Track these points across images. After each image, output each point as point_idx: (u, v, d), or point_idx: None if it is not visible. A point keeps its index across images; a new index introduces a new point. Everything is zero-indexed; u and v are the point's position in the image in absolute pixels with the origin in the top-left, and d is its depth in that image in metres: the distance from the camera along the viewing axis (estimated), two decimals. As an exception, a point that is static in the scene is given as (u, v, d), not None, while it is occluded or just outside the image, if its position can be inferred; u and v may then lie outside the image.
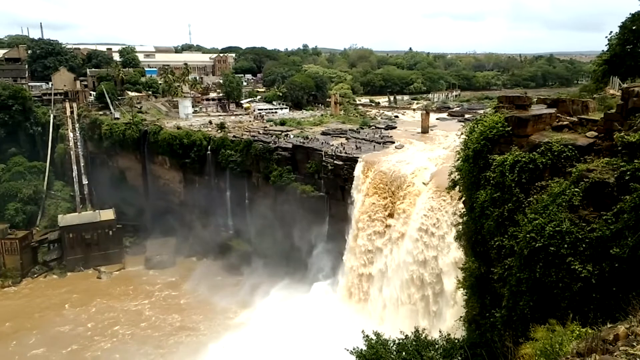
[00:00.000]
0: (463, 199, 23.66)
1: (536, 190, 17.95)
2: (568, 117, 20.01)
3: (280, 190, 78.17)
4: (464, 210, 23.30)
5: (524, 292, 16.90)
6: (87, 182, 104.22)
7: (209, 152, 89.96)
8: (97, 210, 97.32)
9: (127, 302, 79.41)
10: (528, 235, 16.63)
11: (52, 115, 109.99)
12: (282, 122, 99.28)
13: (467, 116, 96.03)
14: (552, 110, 20.45)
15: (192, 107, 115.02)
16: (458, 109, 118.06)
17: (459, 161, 22.79)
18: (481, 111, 63.36)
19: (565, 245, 15.61)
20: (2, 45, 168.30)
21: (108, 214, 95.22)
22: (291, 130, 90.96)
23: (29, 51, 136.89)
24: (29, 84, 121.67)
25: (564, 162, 17.61)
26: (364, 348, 20.20)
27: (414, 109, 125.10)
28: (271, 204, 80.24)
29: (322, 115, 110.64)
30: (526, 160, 18.31)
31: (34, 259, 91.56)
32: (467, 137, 22.18)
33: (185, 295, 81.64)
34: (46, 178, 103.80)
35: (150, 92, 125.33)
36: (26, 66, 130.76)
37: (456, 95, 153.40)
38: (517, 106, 20.93)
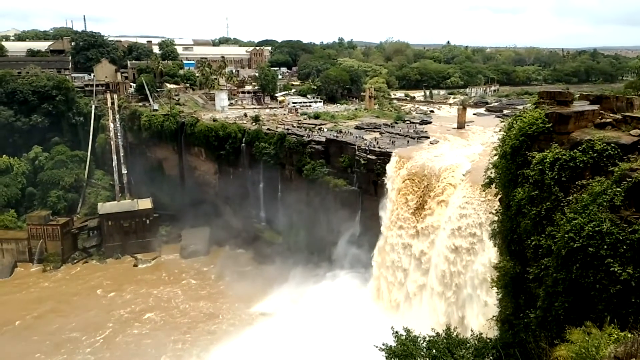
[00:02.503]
0: (499, 196, 23.22)
1: (576, 189, 17.43)
2: (611, 115, 19.36)
3: (313, 183, 78.50)
4: (500, 208, 22.87)
5: (560, 293, 16.49)
6: (126, 172, 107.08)
7: (243, 144, 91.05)
8: (135, 199, 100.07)
9: (160, 289, 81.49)
10: (566, 235, 16.19)
11: (93, 106, 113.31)
12: (316, 116, 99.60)
13: (505, 112, 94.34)
14: (595, 107, 19.81)
15: (228, 99, 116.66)
16: (496, 104, 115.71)
17: (496, 158, 22.35)
18: (520, 107, 62.09)
19: (605, 247, 15.13)
20: (48, 37, 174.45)
21: (146, 203, 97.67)
22: (325, 124, 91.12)
23: (73, 43, 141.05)
24: (72, 75, 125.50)
25: (606, 160, 17.03)
26: (393, 344, 20.06)
27: (450, 104, 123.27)
28: (303, 196, 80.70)
29: (356, 109, 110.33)
30: (567, 158, 17.78)
31: (74, 245, 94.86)
32: (505, 134, 21.72)
33: (216, 283, 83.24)
34: (87, 167, 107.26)
35: (187, 85, 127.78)
36: (70, 58, 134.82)
37: (495, 90, 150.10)
38: (559, 102, 20.36)
